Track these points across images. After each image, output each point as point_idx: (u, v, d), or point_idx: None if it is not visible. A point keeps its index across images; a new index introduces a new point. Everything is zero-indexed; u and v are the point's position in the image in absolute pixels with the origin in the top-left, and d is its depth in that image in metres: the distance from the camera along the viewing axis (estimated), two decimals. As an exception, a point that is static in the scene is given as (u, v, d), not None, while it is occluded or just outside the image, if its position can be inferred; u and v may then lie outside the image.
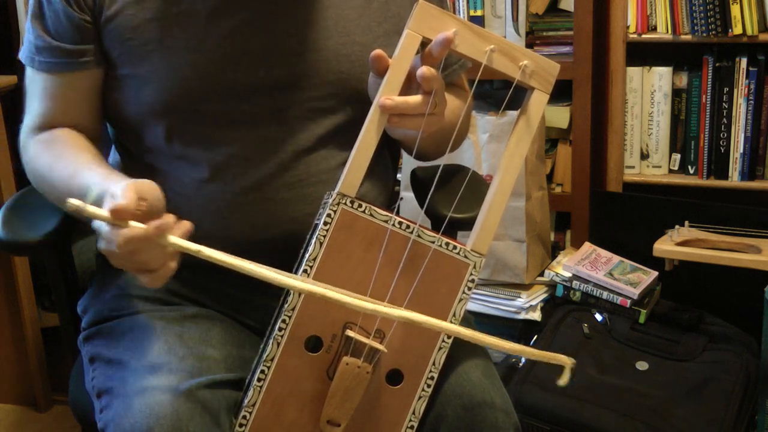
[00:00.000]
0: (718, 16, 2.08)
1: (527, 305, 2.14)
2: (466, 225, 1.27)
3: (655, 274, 2.12)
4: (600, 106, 2.27)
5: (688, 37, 2.14)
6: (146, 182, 1.03)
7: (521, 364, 1.99)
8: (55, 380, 2.33)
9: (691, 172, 2.24)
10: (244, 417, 1.09)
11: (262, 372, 1.08)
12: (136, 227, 0.97)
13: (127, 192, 1.00)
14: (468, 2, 2.28)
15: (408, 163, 2.06)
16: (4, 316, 2.27)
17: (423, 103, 1.06)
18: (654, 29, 2.19)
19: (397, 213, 1.12)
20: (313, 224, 1.12)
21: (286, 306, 1.07)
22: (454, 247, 1.10)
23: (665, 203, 2.19)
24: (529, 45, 2.26)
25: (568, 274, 2.13)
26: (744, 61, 2.13)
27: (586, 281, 2.11)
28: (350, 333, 1.08)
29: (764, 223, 2.07)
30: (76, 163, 1.18)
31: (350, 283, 1.06)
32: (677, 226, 2.08)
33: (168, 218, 1.00)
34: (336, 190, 1.08)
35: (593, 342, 2.02)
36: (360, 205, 1.08)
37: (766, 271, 1.93)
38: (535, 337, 2.06)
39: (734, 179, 2.20)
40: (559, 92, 2.13)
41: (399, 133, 1.15)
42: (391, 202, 1.40)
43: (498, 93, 2.30)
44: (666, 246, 2.02)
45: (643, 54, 2.25)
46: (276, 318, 1.09)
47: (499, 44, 1.09)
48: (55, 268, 1.38)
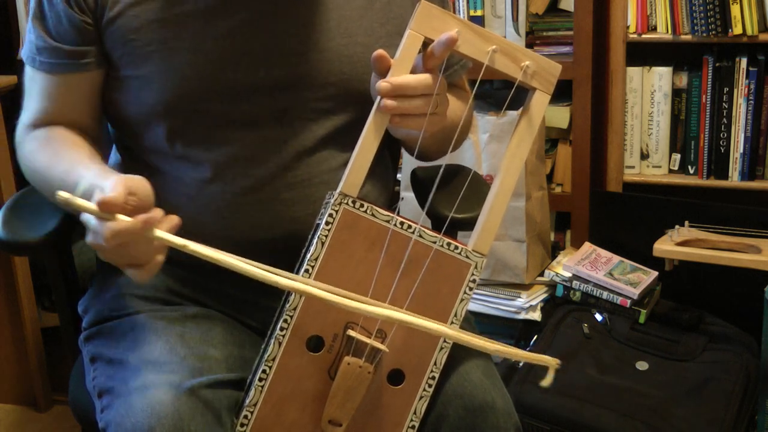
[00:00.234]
0: (718, 16, 2.08)
1: (527, 305, 2.14)
2: (467, 225, 1.27)
3: (655, 274, 2.12)
4: (600, 106, 2.27)
5: (688, 37, 2.14)
6: (137, 178, 1.03)
7: (521, 365, 1.99)
8: (55, 380, 2.33)
9: (691, 172, 2.24)
10: (246, 417, 1.09)
11: (264, 372, 1.08)
12: (123, 220, 0.98)
13: (117, 186, 1.00)
14: (468, 2, 2.28)
15: (408, 163, 2.06)
16: (4, 316, 2.27)
17: (424, 103, 1.06)
18: (654, 29, 2.19)
19: (398, 213, 1.12)
20: (314, 224, 1.12)
21: (287, 306, 1.08)
22: (456, 248, 1.10)
23: (665, 203, 2.19)
24: (529, 45, 2.26)
25: (568, 274, 2.13)
26: (744, 61, 2.13)
27: (586, 281, 2.11)
28: (352, 333, 1.08)
29: (764, 223, 2.07)
30: (72, 160, 1.18)
31: (351, 283, 1.06)
32: (677, 226, 2.08)
33: (156, 212, 1.00)
34: (338, 190, 1.08)
35: (593, 342, 2.02)
36: (362, 205, 1.08)
37: (766, 271, 1.94)
38: (535, 337, 2.06)
39: (734, 179, 2.20)
40: (559, 92, 2.12)
41: (401, 133, 1.15)
42: (391, 202, 1.40)
43: (498, 93, 2.30)
44: (666, 246, 2.02)
45: (643, 54, 2.25)
46: (277, 318, 1.09)
47: (501, 44, 1.09)
48: (55, 268, 1.38)
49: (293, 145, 1.23)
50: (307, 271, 1.07)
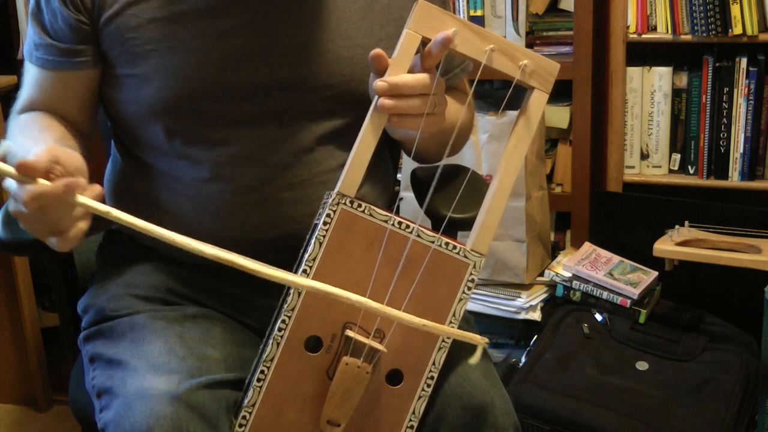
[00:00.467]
0: (718, 16, 2.08)
1: (527, 305, 2.14)
2: (466, 225, 1.26)
3: (655, 274, 2.12)
4: (600, 106, 2.27)
5: (688, 37, 2.14)
6: (68, 150, 1.02)
7: (521, 364, 1.99)
8: (55, 380, 2.33)
9: (691, 172, 2.24)
10: (244, 417, 1.09)
11: (262, 372, 1.08)
12: (44, 184, 0.95)
13: (42, 152, 0.98)
14: (468, 2, 2.27)
15: (408, 164, 2.06)
16: (4, 316, 2.27)
17: (422, 103, 1.06)
18: (654, 29, 2.18)
19: (397, 213, 1.12)
20: (312, 224, 1.12)
21: (285, 306, 1.07)
22: (454, 247, 1.10)
23: (665, 203, 2.19)
24: (529, 45, 2.26)
25: (568, 274, 2.13)
26: (744, 61, 2.13)
27: (586, 281, 2.11)
28: (350, 333, 1.08)
29: (764, 223, 2.07)
30: (37, 140, 1.17)
31: (350, 283, 1.06)
32: (677, 226, 2.08)
33: (79, 178, 0.98)
34: (335, 190, 1.08)
35: (593, 342, 2.02)
36: (359, 205, 1.08)
37: (766, 271, 1.93)
38: (535, 337, 2.06)
39: (734, 179, 2.20)
40: (559, 92, 2.13)
41: (399, 133, 1.15)
42: (391, 202, 1.40)
43: (498, 93, 2.30)
44: (666, 246, 2.02)
45: (643, 54, 2.25)
46: (276, 318, 1.09)
47: (499, 44, 1.09)
48: (55, 268, 1.38)
49: (292, 145, 1.23)
50: (305, 271, 1.07)
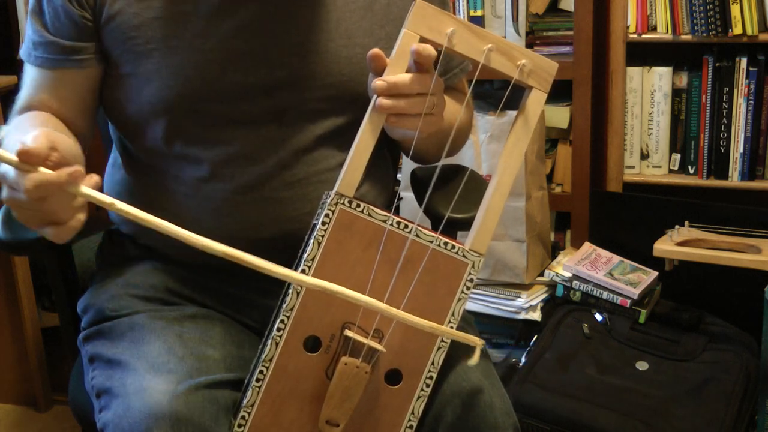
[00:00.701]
0: (718, 16, 2.08)
1: (527, 305, 2.14)
2: (466, 225, 1.26)
3: (655, 274, 2.12)
4: (600, 106, 2.27)
5: (688, 37, 2.14)
6: (64, 137, 1.00)
7: (521, 364, 1.99)
8: (55, 380, 2.33)
9: (691, 172, 2.24)
10: (243, 417, 1.09)
11: (261, 372, 1.08)
12: (47, 172, 0.93)
13: (39, 137, 0.95)
14: (468, 2, 2.28)
15: (408, 163, 2.06)
16: (4, 316, 2.27)
17: (420, 103, 1.06)
18: (654, 29, 2.18)
19: (397, 213, 1.12)
20: (311, 224, 1.12)
21: (284, 306, 1.07)
22: (453, 247, 1.10)
23: (665, 203, 2.19)
24: (529, 45, 2.26)
25: (568, 274, 2.13)
26: (744, 61, 2.12)
27: (586, 281, 2.11)
28: (349, 333, 1.08)
29: (764, 223, 2.07)
30: (26, 132, 1.14)
31: (348, 283, 1.05)
32: (677, 226, 2.08)
33: (78, 167, 0.95)
34: (334, 190, 1.08)
35: (593, 342, 2.02)
36: (358, 205, 1.08)
37: (766, 271, 1.93)
38: (535, 337, 2.06)
39: (734, 179, 2.20)
40: (559, 92, 2.13)
41: (398, 133, 1.15)
42: (391, 202, 1.40)
43: (498, 93, 2.30)
44: (666, 246, 2.02)
45: (643, 54, 2.25)
46: (275, 318, 1.09)
47: (497, 43, 1.09)
48: (55, 268, 1.38)
49: (292, 145, 1.23)
50: (303, 271, 1.07)
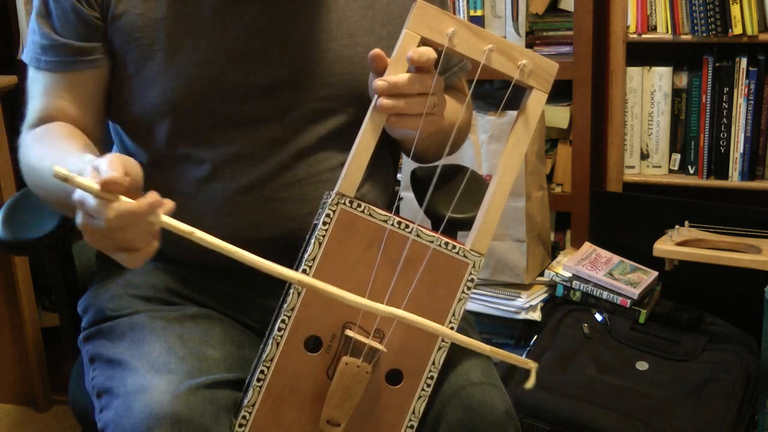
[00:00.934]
0: (718, 16, 2.08)
1: (527, 305, 2.14)
2: (466, 225, 1.26)
3: (655, 274, 2.12)
4: (600, 106, 2.27)
5: (688, 37, 2.14)
6: (128, 158, 1.00)
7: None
8: (55, 380, 2.33)
9: (691, 172, 2.24)
10: (244, 417, 1.09)
11: (262, 372, 1.08)
12: (129, 202, 0.93)
13: (115, 164, 0.95)
14: (468, 2, 2.28)
15: (408, 163, 2.06)
16: (4, 316, 2.27)
17: (421, 103, 1.06)
18: (654, 29, 2.19)
19: (397, 213, 1.12)
20: (312, 224, 1.12)
21: (285, 306, 1.08)
22: (453, 247, 1.10)
23: (665, 203, 2.19)
24: (529, 45, 2.26)
25: (568, 274, 2.13)
26: (744, 61, 2.13)
27: (586, 281, 2.11)
28: (350, 333, 1.08)
29: (764, 223, 2.07)
30: (64, 149, 1.16)
31: (349, 283, 1.06)
32: (677, 226, 2.08)
33: (156, 195, 0.96)
34: (335, 190, 1.08)
35: (593, 342, 2.02)
36: (359, 205, 1.08)
37: (766, 271, 1.93)
38: (535, 337, 2.06)
39: (734, 179, 2.20)
40: (559, 92, 2.13)
41: (398, 133, 1.15)
42: (391, 202, 1.40)
43: (498, 93, 2.30)
44: (666, 246, 2.02)
45: (643, 54, 2.25)
46: (275, 318, 1.09)
47: (498, 44, 1.09)
48: (55, 268, 1.38)
49: (293, 145, 1.23)
50: (304, 271, 1.07)
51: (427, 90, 1.06)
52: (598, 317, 2.07)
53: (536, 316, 2.14)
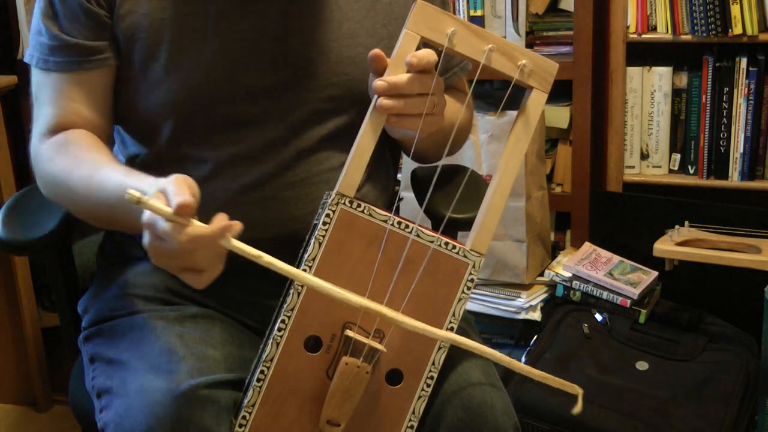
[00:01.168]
0: (718, 16, 2.08)
1: (527, 305, 2.14)
2: (466, 225, 1.27)
3: (655, 274, 2.12)
4: (600, 106, 2.27)
5: (688, 37, 2.14)
6: (187, 177, 1.01)
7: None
8: (55, 380, 2.33)
9: (691, 172, 2.24)
10: (244, 417, 1.09)
11: (262, 372, 1.08)
12: (202, 226, 0.96)
13: (183, 187, 0.97)
14: (468, 2, 2.27)
15: (408, 163, 2.06)
16: (4, 316, 2.27)
17: (421, 103, 1.06)
18: (654, 29, 2.19)
19: (397, 213, 1.12)
20: (312, 224, 1.12)
21: (285, 306, 1.08)
22: (453, 247, 1.10)
23: (665, 203, 2.19)
24: (529, 45, 2.26)
25: (568, 274, 2.13)
26: (744, 61, 2.13)
27: (586, 281, 2.11)
28: (350, 333, 1.08)
29: (764, 223, 2.07)
30: (94, 161, 1.16)
31: (349, 283, 1.06)
32: (677, 226, 2.08)
33: (225, 218, 0.99)
34: (335, 190, 1.08)
35: (593, 342, 2.02)
36: (359, 205, 1.08)
37: (766, 271, 1.93)
38: (535, 337, 2.06)
39: (734, 179, 2.20)
40: (559, 92, 2.13)
41: (398, 133, 1.15)
42: (391, 202, 1.40)
43: (498, 93, 2.30)
44: (666, 246, 2.02)
45: (643, 54, 2.25)
46: (275, 318, 1.09)
47: (498, 44, 1.09)
48: (55, 268, 1.38)
49: (295, 145, 1.23)
50: (304, 271, 1.07)
51: (427, 90, 1.06)
52: (598, 317, 2.07)
53: (536, 316, 2.14)
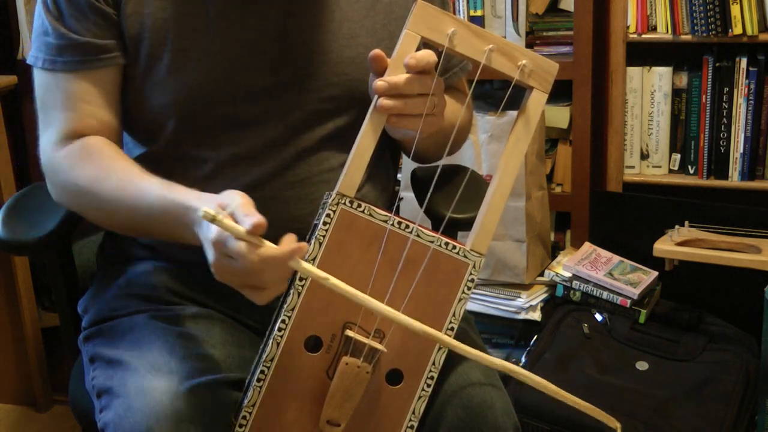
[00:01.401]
0: (718, 16, 2.08)
1: (527, 305, 2.14)
2: (466, 225, 1.27)
3: (655, 274, 2.12)
4: (600, 106, 2.27)
5: (688, 37, 2.14)
6: (245, 194, 1.03)
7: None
8: (55, 380, 2.33)
9: (691, 172, 2.24)
10: (244, 417, 1.09)
11: (262, 372, 1.08)
12: (273, 247, 0.97)
13: (249, 207, 0.99)
14: (468, 2, 2.27)
15: (408, 163, 2.06)
16: (4, 316, 2.27)
17: (421, 103, 1.06)
18: (654, 29, 2.19)
19: (397, 213, 1.12)
20: (312, 224, 1.12)
21: (285, 306, 1.07)
22: (453, 247, 1.10)
23: (665, 203, 2.19)
24: (529, 45, 2.26)
25: (568, 274, 2.13)
26: (744, 61, 2.13)
27: (586, 281, 2.11)
28: (350, 333, 1.08)
29: (764, 223, 2.07)
30: (125, 172, 1.16)
31: (349, 283, 1.06)
32: (677, 226, 2.08)
33: (294, 239, 1.00)
34: (335, 190, 1.08)
35: (593, 342, 2.02)
36: (359, 205, 1.08)
37: (766, 271, 1.94)
38: (535, 337, 2.06)
39: (734, 179, 2.20)
40: (559, 92, 2.13)
41: (398, 133, 1.15)
42: (391, 202, 1.40)
43: (498, 93, 2.30)
44: (666, 246, 2.02)
45: (643, 54, 2.25)
46: (275, 318, 1.09)
47: (498, 44, 1.09)
48: (55, 268, 1.38)
49: (295, 145, 1.23)
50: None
51: (427, 90, 1.06)
52: (598, 317, 2.07)
53: (536, 316, 2.14)
